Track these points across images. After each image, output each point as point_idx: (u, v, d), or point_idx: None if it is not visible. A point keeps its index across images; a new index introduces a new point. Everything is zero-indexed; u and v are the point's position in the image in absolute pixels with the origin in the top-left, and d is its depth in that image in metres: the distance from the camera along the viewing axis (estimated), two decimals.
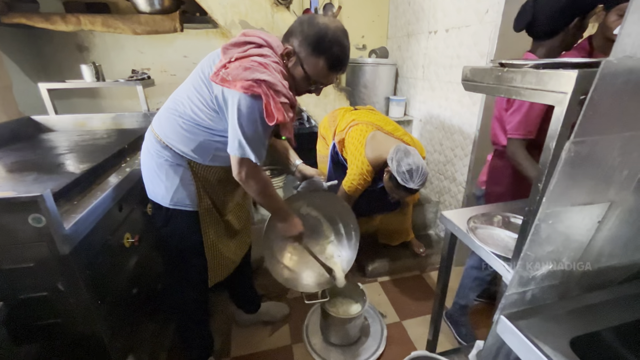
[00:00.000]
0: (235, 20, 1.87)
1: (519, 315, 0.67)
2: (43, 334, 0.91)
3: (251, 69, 0.84)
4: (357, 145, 1.56)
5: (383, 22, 2.65)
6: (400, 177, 1.38)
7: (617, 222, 0.64)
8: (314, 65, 0.93)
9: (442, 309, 1.26)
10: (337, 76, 1.01)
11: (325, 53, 0.91)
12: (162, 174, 1.03)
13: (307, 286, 1.38)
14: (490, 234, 0.96)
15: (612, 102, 0.51)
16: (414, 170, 1.36)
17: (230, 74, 0.85)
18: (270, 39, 0.94)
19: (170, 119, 1.00)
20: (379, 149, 1.51)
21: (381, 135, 1.58)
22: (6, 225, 0.78)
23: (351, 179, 1.57)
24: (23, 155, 1.30)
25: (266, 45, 0.92)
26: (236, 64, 0.86)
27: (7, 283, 0.83)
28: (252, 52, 0.89)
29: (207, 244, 1.12)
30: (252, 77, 0.83)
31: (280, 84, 0.87)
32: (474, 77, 0.80)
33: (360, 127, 1.59)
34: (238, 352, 1.51)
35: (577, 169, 0.55)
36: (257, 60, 0.86)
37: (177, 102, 1.00)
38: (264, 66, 0.86)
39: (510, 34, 1.48)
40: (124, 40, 2.26)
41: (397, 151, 1.42)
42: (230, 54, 0.89)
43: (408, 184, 1.37)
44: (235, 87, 0.84)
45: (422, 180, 1.38)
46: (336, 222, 1.44)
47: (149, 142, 1.06)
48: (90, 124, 1.82)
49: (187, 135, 0.99)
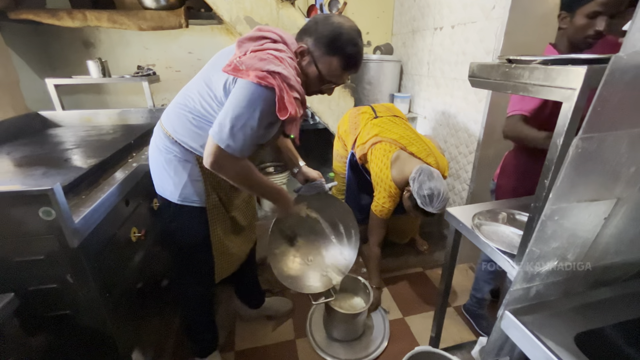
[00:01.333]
0: (240, 16, 1.87)
1: (523, 310, 0.67)
2: (53, 325, 0.93)
3: (267, 60, 0.83)
4: (382, 167, 1.53)
5: (388, 19, 2.63)
6: (420, 199, 1.37)
7: (623, 219, 0.64)
8: (328, 64, 0.93)
9: (445, 305, 1.27)
10: (349, 76, 1.00)
11: (340, 52, 0.91)
12: (171, 169, 1.03)
13: (311, 287, 1.38)
14: (495, 231, 0.96)
15: (621, 98, 0.50)
16: (435, 195, 1.35)
17: (244, 62, 0.84)
18: (286, 35, 0.94)
19: (179, 114, 1.00)
20: (403, 170, 1.50)
21: (405, 155, 1.55)
22: (17, 218, 0.79)
23: (381, 203, 1.55)
24: (31, 150, 1.32)
25: (281, 41, 0.92)
26: (251, 55, 0.85)
27: (18, 275, 0.85)
28: (268, 46, 0.89)
29: (214, 240, 1.12)
30: (267, 68, 0.82)
31: (294, 78, 0.87)
32: (481, 73, 0.80)
33: (384, 147, 1.55)
34: (242, 346, 1.53)
35: (584, 165, 0.55)
36: (272, 54, 0.86)
37: (187, 98, 0.99)
38: (280, 60, 0.86)
39: (517, 31, 1.47)
40: (130, 36, 2.26)
41: (421, 172, 1.41)
42: (245, 48, 0.89)
43: (427, 208, 1.37)
44: (248, 76, 0.83)
45: (441, 206, 1.37)
46: (336, 223, 1.44)
47: (157, 138, 1.06)
48: (97, 120, 1.84)
49: (196, 131, 0.98)
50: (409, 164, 1.50)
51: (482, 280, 1.54)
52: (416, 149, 1.56)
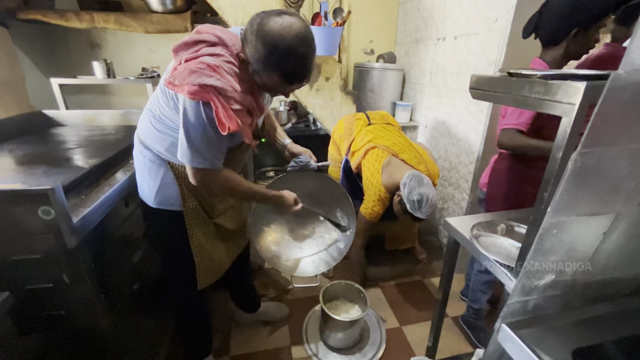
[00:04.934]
0: (246, 22, 1.89)
1: (520, 324, 0.67)
2: (46, 325, 0.93)
3: (197, 73, 0.77)
4: (373, 171, 1.57)
5: (392, 28, 2.66)
6: (410, 204, 1.41)
7: (622, 235, 0.64)
8: (268, 79, 0.86)
9: (442, 315, 1.26)
10: (300, 86, 0.92)
11: (278, 68, 0.83)
12: (146, 172, 1.02)
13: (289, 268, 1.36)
14: (494, 242, 0.96)
15: (620, 114, 0.51)
16: (424, 201, 1.40)
17: (177, 77, 0.79)
18: (226, 35, 0.86)
19: (145, 119, 1.00)
20: (393, 175, 1.54)
21: (396, 161, 1.60)
22: (16, 216, 0.79)
23: (371, 206, 1.59)
24: (33, 148, 1.32)
25: (220, 44, 0.85)
26: (183, 66, 0.79)
27: (14, 273, 0.85)
28: (204, 51, 0.82)
29: (194, 245, 1.08)
30: (198, 82, 0.77)
31: (231, 88, 0.81)
32: (481, 85, 0.81)
33: (376, 152, 1.61)
34: (237, 351, 1.52)
35: (584, 179, 0.55)
36: (206, 62, 0.79)
37: (152, 103, 0.98)
38: (213, 69, 0.79)
39: (519, 43, 1.48)
40: (135, 39, 2.29)
41: (412, 178, 1.45)
42: (180, 57, 0.83)
43: (415, 213, 1.42)
44: (182, 91, 0.79)
45: (429, 211, 1.42)
46: (327, 203, 1.41)
47: (135, 142, 1.07)
48: (100, 120, 1.85)
49: (159, 135, 0.97)
50: (400, 170, 1.54)
51: (478, 290, 1.53)
52: (408, 156, 1.62)
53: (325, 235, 1.44)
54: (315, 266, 1.37)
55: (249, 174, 2.30)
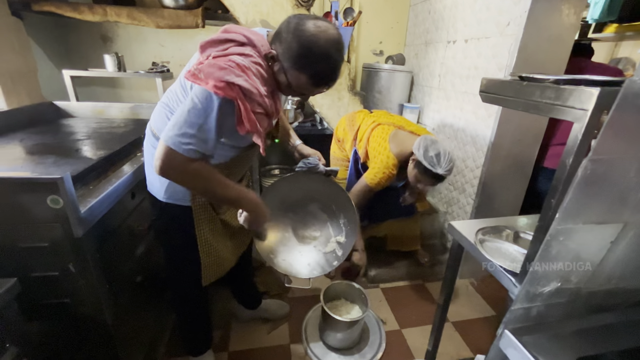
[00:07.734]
0: (257, 20, 1.90)
1: (523, 330, 0.66)
2: (51, 312, 0.94)
3: (227, 70, 0.77)
4: (380, 141, 1.59)
5: (402, 29, 2.65)
6: (428, 161, 1.40)
7: (630, 244, 0.63)
8: (296, 78, 0.85)
9: (444, 319, 1.25)
10: (322, 90, 0.91)
11: (309, 69, 0.82)
12: None
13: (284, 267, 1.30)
14: (498, 248, 0.95)
15: (633, 121, 0.50)
16: (442, 155, 1.39)
17: (202, 70, 0.77)
18: (254, 36, 0.85)
19: (162, 112, 1.00)
20: (402, 144, 1.55)
21: (403, 132, 1.63)
22: (25, 205, 0.81)
23: (374, 172, 1.57)
24: (43, 139, 1.34)
25: (248, 44, 0.84)
26: (212, 61, 0.78)
27: (21, 261, 0.86)
28: (233, 50, 0.82)
29: (200, 241, 1.08)
30: (227, 79, 0.76)
31: (257, 91, 0.80)
32: (491, 88, 0.80)
33: (382, 127, 1.65)
34: (236, 347, 1.52)
35: (593, 187, 0.54)
36: (235, 61, 0.78)
37: (169, 97, 0.98)
38: (242, 69, 0.79)
39: (531, 48, 1.47)
40: (147, 33, 2.31)
41: (424, 140, 1.47)
42: (208, 53, 0.83)
43: (435, 168, 1.38)
44: (206, 84, 0.76)
45: (448, 167, 1.40)
46: (332, 207, 1.38)
47: (147, 135, 1.06)
48: (109, 112, 1.87)
49: None
50: (409, 140, 1.56)
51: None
52: (415, 128, 1.68)
53: (325, 241, 1.44)
54: (310, 269, 1.35)
55: (254, 171, 2.31)
